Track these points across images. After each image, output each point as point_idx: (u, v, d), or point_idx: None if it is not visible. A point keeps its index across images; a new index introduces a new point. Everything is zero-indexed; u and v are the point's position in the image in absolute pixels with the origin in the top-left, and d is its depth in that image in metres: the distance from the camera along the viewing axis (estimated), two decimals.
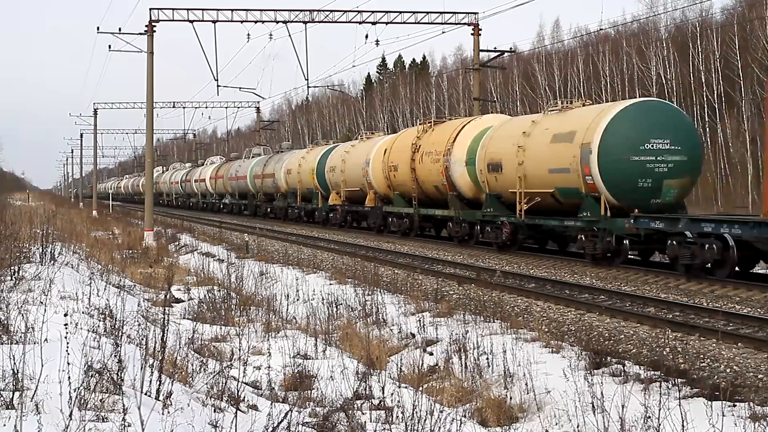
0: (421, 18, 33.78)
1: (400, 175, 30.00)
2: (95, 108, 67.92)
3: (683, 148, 19.77)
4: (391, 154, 30.76)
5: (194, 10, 32.83)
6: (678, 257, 17.54)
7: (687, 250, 17.26)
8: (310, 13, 33.66)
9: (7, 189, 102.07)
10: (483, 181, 24.59)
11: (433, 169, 27.60)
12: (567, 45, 68.95)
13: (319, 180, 38.45)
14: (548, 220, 22.10)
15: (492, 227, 24.17)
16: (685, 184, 20.22)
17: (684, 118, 21.26)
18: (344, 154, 35.80)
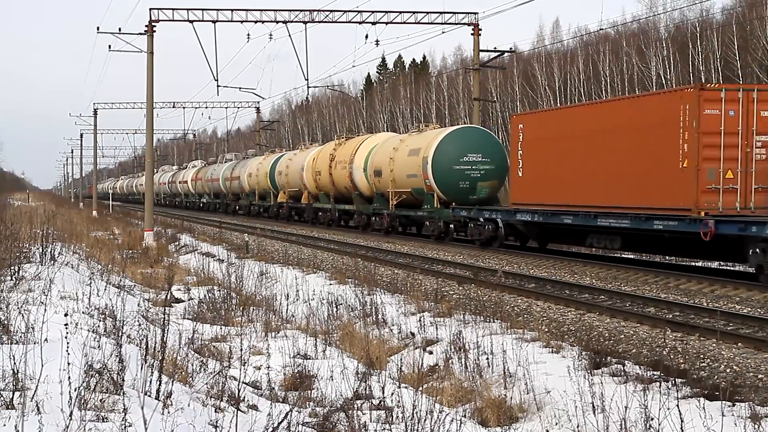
0: (421, 18, 33.79)
1: (323, 179, 37.95)
2: (95, 108, 68.00)
3: (491, 160, 28.38)
4: (317, 162, 38.53)
5: (194, 10, 32.85)
6: (473, 234, 25.57)
7: (477, 230, 25.26)
8: (310, 13, 33.68)
9: (7, 189, 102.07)
10: (372, 183, 32.99)
11: (343, 174, 35.70)
12: (567, 45, 68.99)
13: (271, 182, 46.15)
14: (408, 211, 30.54)
15: (378, 217, 32.74)
16: (495, 185, 28.67)
17: (492, 137, 29.86)
18: (288, 161, 43.83)
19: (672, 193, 18.15)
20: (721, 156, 17.60)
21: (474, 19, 34.06)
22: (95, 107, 68.16)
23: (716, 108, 17.51)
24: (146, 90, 33.94)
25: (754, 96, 17.71)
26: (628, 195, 19.42)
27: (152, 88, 33.85)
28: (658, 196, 18.60)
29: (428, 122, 48.52)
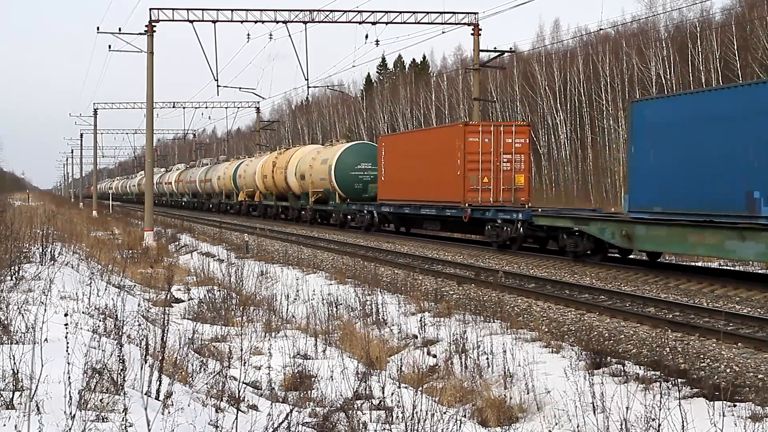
0: (421, 18, 33.77)
1: (268, 181, 46.21)
2: (95, 108, 67.96)
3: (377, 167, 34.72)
4: (264, 167, 46.80)
5: (194, 10, 32.84)
6: (359, 222, 34.28)
7: (362, 219, 34.21)
8: (310, 13, 33.66)
9: (7, 189, 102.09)
10: (300, 184, 41.20)
11: (281, 177, 43.78)
12: (567, 45, 68.99)
13: (234, 183, 53.80)
14: (322, 206, 39.18)
15: (304, 211, 41.18)
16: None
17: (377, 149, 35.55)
18: (246, 166, 51.59)
19: (453, 192, 27.13)
20: (480, 168, 26.62)
21: (474, 19, 34.05)
22: (95, 107, 68.18)
23: (476, 137, 26.72)
24: (146, 90, 33.94)
25: (501, 129, 27.15)
26: (435, 193, 28.40)
27: (152, 88, 33.84)
28: (448, 194, 27.47)
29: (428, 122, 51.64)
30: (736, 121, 16.50)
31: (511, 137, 26.98)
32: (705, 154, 17.25)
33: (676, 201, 17.92)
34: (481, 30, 34.23)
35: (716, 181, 16.90)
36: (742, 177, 16.24)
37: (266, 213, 47.74)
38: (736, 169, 16.47)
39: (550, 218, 22.71)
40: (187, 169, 72.74)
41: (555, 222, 22.34)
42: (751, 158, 16.06)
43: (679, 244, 18.16)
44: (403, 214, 31.40)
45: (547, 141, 69.89)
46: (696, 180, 17.45)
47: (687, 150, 17.71)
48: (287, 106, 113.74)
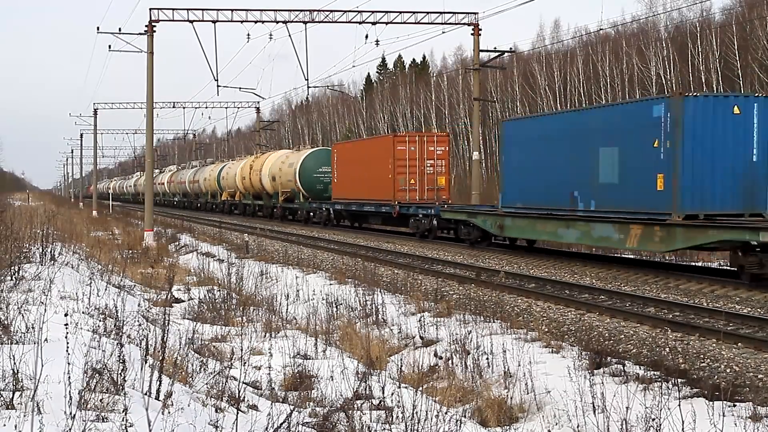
0: (421, 18, 33.77)
1: (246, 182, 50.40)
2: (95, 108, 67.96)
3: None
4: (243, 170, 50.89)
5: (194, 10, 32.83)
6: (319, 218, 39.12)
7: (320, 215, 39.22)
8: (310, 13, 33.66)
9: (7, 189, 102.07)
10: (272, 185, 45.62)
11: (257, 179, 47.98)
12: (567, 45, 68.96)
13: (218, 184, 58.00)
14: (289, 204, 43.82)
15: (276, 209, 45.90)
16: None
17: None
18: (228, 168, 56.25)
19: (386, 192, 32.08)
20: (407, 171, 31.73)
21: (474, 19, 34.05)
22: (95, 107, 68.18)
23: (403, 146, 31.87)
24: (146, 90, 33.94)
25: (425, 139, 32.32)
26: (374, 193, 33.20)
27: (152, 88, 33.85)
28: (382, 193, 32.36)
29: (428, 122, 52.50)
30: (560, 140, 21.57)
31: (434, 145, 32.18)
32: (545, 164, 22.12)
33: (529, 199, 22.87)
34: (481, 30, 34.23)
35: (552, 184, 21.74)
36: (567, 181, 21.07)
37: (245, 211, 53.10)
38: (563, 175, 21.29)
39: (452, 212, 27.51)
40: (178, 171, 77.79)
41: (455, 215, 27.19)
42: (570, 168, 20.99)
43: (532, 231, 23.19)
44: (351, 210, 36.66)
45: None
46: (541, 184, 22.36)
47: (534, 161, 22.67)
48: (287, 106, 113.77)
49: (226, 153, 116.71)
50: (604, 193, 19.94)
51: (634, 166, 18.86)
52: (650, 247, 18.89)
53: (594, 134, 20.26)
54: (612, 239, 19.78)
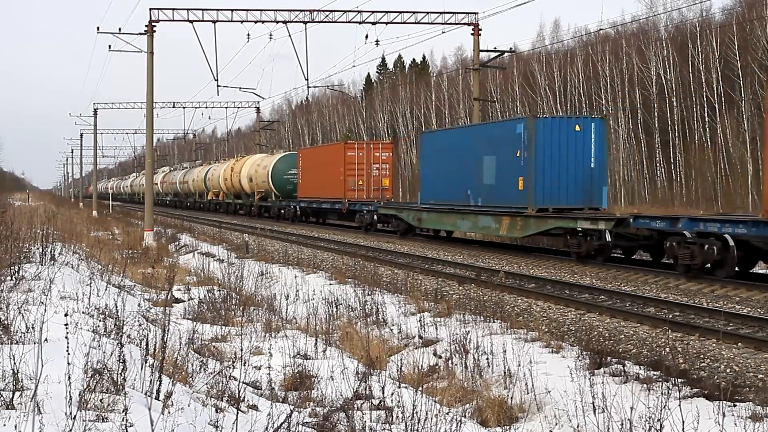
0: (421, 18, 33.77)
1: (228, 183, 55.77)
2: (95, 108, 67.99)
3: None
4: (226, 172, 56.24)
5: (194, 10, 32.84)
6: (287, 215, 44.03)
7: (289, 212, 43.75)
8: (310, 13, 33.66)
9: (7, 189, 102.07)
10: (249, 186, 50.54)
11: (237, 180, 53.12)
12: (567, 45, 68.95)
13: (205, 185, 62.88)
14: (263, 203, 48.80)
15: (253, 207, 50.85)
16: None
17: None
18: (213, 170, 61.18)
19: (339, 192, 37.37)
20: (356, 174, 36.82)
21: (474, 19, 34.05)
22: (95, 107, 68.21)
23: (353, 152, 37.31)
24: (146, 90, 33.95)
25: (371, 146, 38.17)
26: (329, 192, 38.69)
27: (152, 88, 33.85)
28: (336, 193, 37.67)
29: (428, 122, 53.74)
30: (458, 150, 27.06)
31: (379, 152, 37.69)
32: (448, 169, 27.51)
33: (438, 197, 28.16)
34: (481, 30, 34.24)
35: (453, 185, 26.89)
36: (463, 183, 26.29)
37: (228, 209, 58.32)
38: (460, 178, 26.53)
39: (386, 208, 32.70)
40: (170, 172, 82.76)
41: (388, 211, 32.38)
42: (465, 172, 26.13)
43: (440, 223, 28.62)
44: (313, 207, 42.22)
45: None
46: (446, 185, 27.59)
47: (441, 166, 28.20)
48: (287, 106, 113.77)
49: (226, 153, 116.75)
50: (487, 192, 25.19)
51: (505, 171, 23.98)
52: (513, 233, 24.20)
53: (480, 146, 25.61)
54: (491, 228, 25.15)
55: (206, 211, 62.64)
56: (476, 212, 25.58)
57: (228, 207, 58.08)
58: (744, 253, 16.88)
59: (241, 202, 54.34)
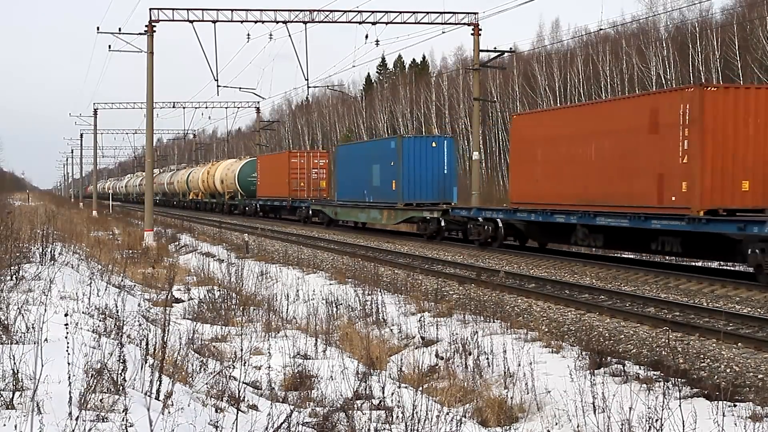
0: (421, 18, 33.76)
1: (205, 184, 64.08)
2: (95, 108, 68.01)
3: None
4: (203, 174, 64.55)
5: (194, 10, 32.83)
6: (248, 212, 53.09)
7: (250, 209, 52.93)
8: (310, 13, 33.65)
9: (7, 189, 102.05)
10: (221, 187, 59.08)
11: (212, 182, 61.70)
12: (567, 45, 68.93)
13: (187, 186, 70.98)
14: (232, 201, 57.17)
15: (225, 206, 58.70)
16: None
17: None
18: (194, 173, 69.36)
19: (284, 191, 45.71)
20: (298, 177, 44.91)
21: (474, 19, 34.04)
22: (95, 107, 68.22)
23: (296, 159, 45.79)
24: (146, 90, 33.94)
25: (311, 154, 46.89)
26: (279, 192, 46.82)
27: (152, 88, 33.85)
28: (283, 192, 45.80)
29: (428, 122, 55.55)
30: (359, 159, 36.11)
31: (317, 159, 46.75)
32: (353, 175, 36.35)
33: (348, 196, 37.01)
34: (481, 30, 34.22)
35: (356, 187, 35.65)
36: (362, 185, 34.91)
37: (205, 207, 66.44)
38: (361, 181, 35.13)
39: (315, 205, 41.76)
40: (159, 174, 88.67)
41: (316, 207, 41.48)
42: (364, 176, 34.67)
43: (349, 216, 37.45)
44: (268, 204, 50.62)
45: None
46: (352, 186, 36.38)
47: (349, 172, 36.98)
48: (287, 106, 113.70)
49: (226, 153, 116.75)
50: (375, 191, 33.85)
51: (385, 176, 32.90)
52: (390, 221, 33.05)
53: (371, 157, 34.55)
54: (377, 218, 33.83)
55: (189, 209, 69.30)
56: (369, 207, 34.54)
57: (205, 205, 66.14)
58: (508, 230, 25.04)
59: (216, 201, 62.87)
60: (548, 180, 22.85)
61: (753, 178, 17.69)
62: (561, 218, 21.83)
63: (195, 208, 69.32)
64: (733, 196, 17.69)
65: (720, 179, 17.60)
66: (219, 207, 61.41)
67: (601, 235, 20.88)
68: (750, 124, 17.60)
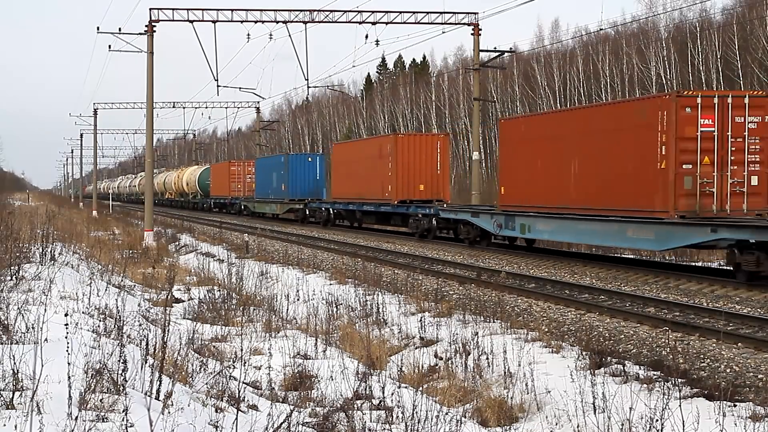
0: (421, 18, 33.76)
1: (176, 186, 75.25)
2: (95, 108, 68.00)
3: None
4: (176, 178, 75.66)
5: (194, 10, 32.82)
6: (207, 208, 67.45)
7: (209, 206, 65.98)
8: (310, 13, 33.65)
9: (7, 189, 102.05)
10: (187, 188, 71.16)
11: (181, 184, 73.02)
12: (567, 45, 68.94)
13: (164, 187, 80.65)
14: (195, 200, 70.38)
15: (189, 204, 72.03)
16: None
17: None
18: (168, 176, 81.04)
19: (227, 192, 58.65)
20: (236, 180, 57.86)
21: (474, 19, 34.04)
22: (95, 107, 68.21)
23: (234, 167, 59.27)
24: (146, 90, 33.94)
25: (244, 163, 59.77)
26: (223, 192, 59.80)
27: (152, 88, 33.85)
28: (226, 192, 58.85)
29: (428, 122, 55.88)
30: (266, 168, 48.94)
31: (251, 167, 55.75)
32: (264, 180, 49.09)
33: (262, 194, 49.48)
34: (481, 30, 34.22)
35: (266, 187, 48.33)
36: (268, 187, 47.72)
37: (178, 204, 76.57)
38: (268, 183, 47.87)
39: (243, 201, 54.65)
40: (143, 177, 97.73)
41: (244, 203, 54.24)
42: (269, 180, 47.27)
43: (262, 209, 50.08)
44: (217, 202, 63.13)
45: None
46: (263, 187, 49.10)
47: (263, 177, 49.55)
48: (287, 106, 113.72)
49: (226, 153, 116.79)
50: (275, 191, 46.52)
51: (279, 181, 45.08)
52: (280, 211, 46.12)
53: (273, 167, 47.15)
54: (275, 209, 46.76)
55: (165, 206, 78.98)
56: (271, 201, 47.49)
57: (178, 203, 78.12)
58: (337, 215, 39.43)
59: (183, 200, 75.13)
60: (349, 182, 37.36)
61: (424, 182, 31.84)
62: (353, 206, 36.41)
63: (170, 205, 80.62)
64: (411, 193, 31.77)
65: (405, 184, 31.69)
66: (186, 204, 74.13)
67: (372, 216, 35.23)
68: (420, 154, 32.01)
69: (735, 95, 18.34)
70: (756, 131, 17.92)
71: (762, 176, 18.06)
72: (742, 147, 17.93)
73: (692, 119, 17.74)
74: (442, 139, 32.87)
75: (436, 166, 31.98)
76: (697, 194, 17.86)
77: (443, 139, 32.83)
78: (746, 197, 18.04)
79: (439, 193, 31.87)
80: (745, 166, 17.95)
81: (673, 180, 17.78)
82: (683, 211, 17.82)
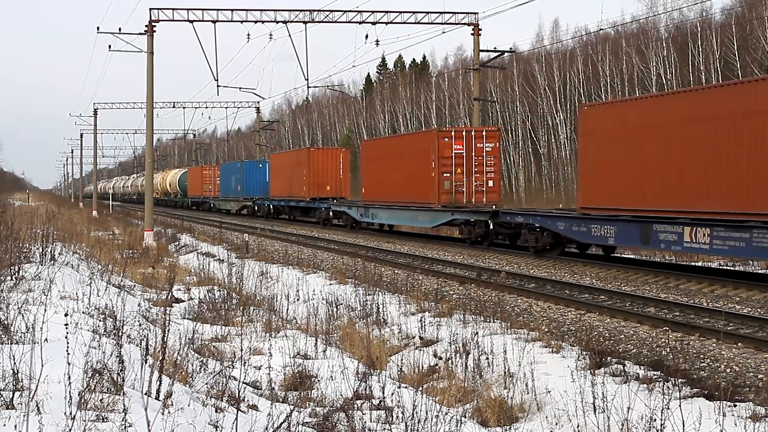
0: (421, 18, 33.76)
1: (162, 186, 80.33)
2: (95, 108, 68.08)
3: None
4: (161, 179, 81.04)
5: (194, 10, 32.83)
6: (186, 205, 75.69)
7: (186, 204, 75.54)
8: (310, 13, 33.66)
9: (7, 189, 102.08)
10: (170, 188, 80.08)
11: (165, 184, 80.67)
12: (567, 45, 68.94)
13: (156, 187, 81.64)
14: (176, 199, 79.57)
15: (171, 202, 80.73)
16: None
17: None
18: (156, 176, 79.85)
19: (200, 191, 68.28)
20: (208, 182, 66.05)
21: (474, 19, 34.05)
22: (95, 107, 68.29)
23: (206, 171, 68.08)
24: (146, 90, 33.94)
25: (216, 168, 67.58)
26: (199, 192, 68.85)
27: (152, 88, 33.85)
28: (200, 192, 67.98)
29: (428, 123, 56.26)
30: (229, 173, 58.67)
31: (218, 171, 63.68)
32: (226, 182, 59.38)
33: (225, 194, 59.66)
34: (481, 30, 34.23)
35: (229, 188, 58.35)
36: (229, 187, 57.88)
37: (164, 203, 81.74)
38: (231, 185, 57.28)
39: (213, 200, 63.56)
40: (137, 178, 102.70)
41: (213, 201, 63.41)
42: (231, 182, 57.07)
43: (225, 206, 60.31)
44: (193, 201, 70.71)
45: (547, 141, 69.92)
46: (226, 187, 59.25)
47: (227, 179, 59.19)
48: (287, 106, 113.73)
49: (226, 153, 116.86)
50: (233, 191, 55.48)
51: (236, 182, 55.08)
52: (238, 208, 55.66)
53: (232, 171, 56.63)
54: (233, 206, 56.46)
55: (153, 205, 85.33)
56: (231, 200, 56.50)
57: (163, 201, 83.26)
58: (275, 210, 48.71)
59: (167, 198, 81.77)
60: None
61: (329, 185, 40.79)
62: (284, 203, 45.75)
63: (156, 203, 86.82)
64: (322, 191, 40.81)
65: (315, 185, 40.77)
66: (170, 203, 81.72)
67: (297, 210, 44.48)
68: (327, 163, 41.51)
69: (476, 130, 29.30)
70: (491, 152, 28.53)
71: (495, 181, 28.80)
72: (482, 162, 28.42)
73: (449, 145, 28.14)
74: (344, 152, 43.45)
75: (339, 172, 41.71)
76: (453, 192, 28.13)
77: (345, 152, 43.37)
78: (486, 194, 28.44)
79: (341, 192, 41.42)
80: (484, 175, 28.41)
81: (437, 183, 28.01)
82: (444, 203, 28.04)
